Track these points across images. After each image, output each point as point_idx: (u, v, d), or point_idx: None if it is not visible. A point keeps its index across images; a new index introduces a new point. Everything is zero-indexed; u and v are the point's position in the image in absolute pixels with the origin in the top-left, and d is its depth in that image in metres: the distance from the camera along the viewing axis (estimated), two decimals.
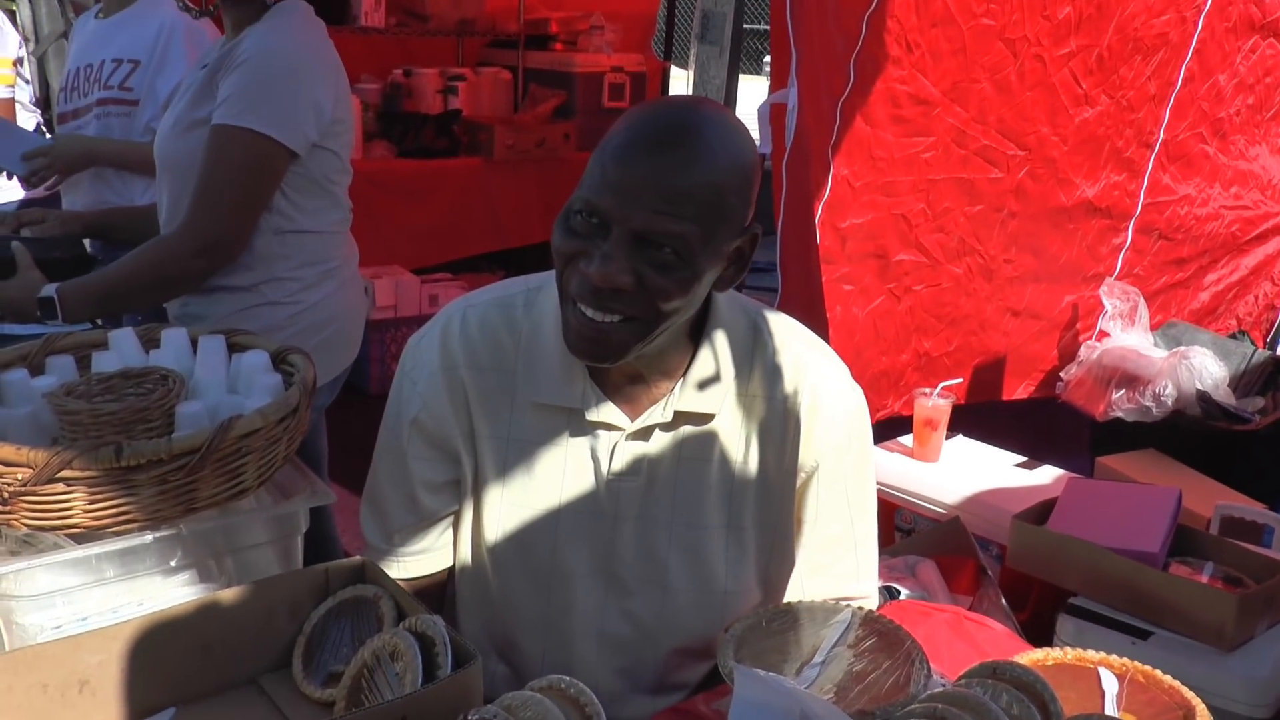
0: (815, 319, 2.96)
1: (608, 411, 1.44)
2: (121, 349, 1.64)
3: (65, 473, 1.28)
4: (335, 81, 2.18)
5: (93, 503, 1.31)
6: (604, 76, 5.67)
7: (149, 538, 1.37)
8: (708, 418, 1.46)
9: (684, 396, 1.44)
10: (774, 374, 1.48)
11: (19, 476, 1.28)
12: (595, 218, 1.28)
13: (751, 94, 3.18)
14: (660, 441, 1.46)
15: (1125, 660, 1.33)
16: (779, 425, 1.49)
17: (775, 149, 2.78)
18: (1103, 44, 3.38)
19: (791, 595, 1.59)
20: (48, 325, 2.04)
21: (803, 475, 1.52)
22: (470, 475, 1.50)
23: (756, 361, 1.48)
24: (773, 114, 2.70)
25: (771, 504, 1.52)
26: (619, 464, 1.45)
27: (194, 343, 1.65)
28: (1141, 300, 3.77)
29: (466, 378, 1.46)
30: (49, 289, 2.04)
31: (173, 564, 1.41)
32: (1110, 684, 1.30)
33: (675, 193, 1.25)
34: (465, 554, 1.56)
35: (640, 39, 6.44)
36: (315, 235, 2.23)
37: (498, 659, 1.57)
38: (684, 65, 7.26)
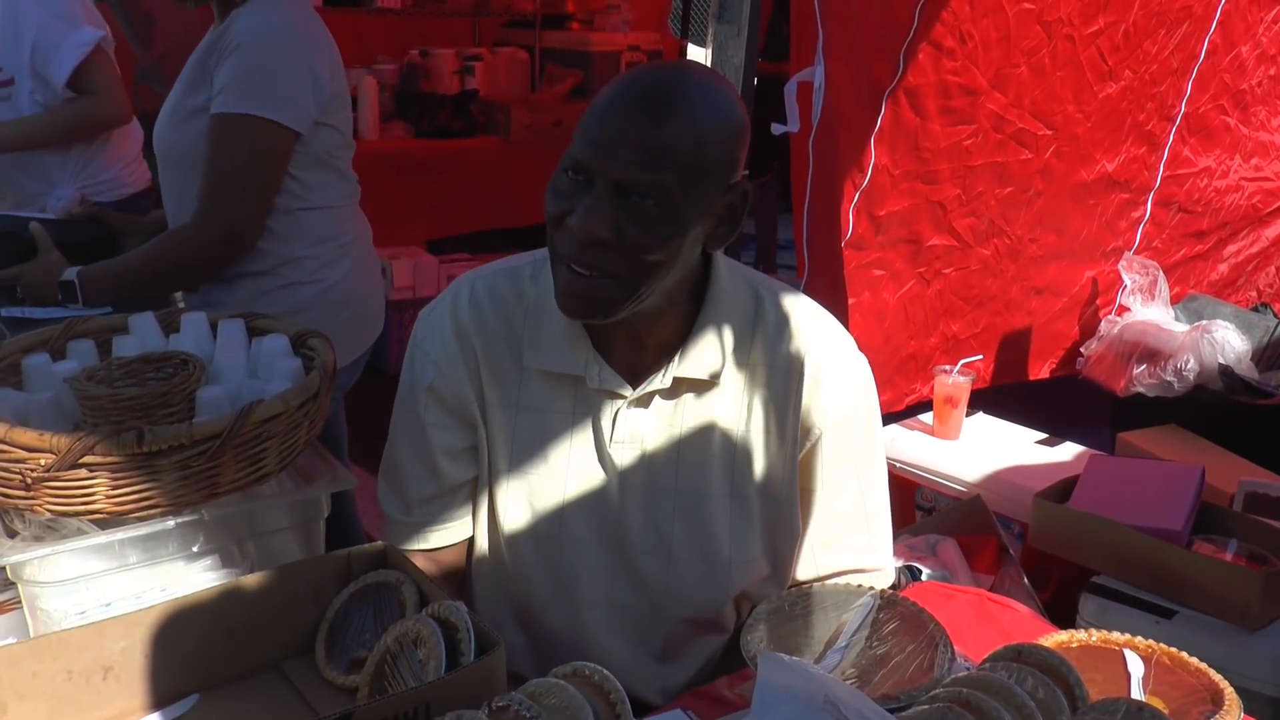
0: (838, 297, 2.95)
1: (610, 378, 1.45)
2: (142, 333, 1.65)
3: (88, 458, 1.28)
4: (329, 56, 2.16)
5: (115, 488, 1.31)
6: (621, 55, 5.65)
7: (171, 523, 1.37)
8: (709, 384, 1.47)
9: (684, 363, 1.45)
10: (776, 343, 1.49)
11: (42, 462, 1.28)
12: (580, 174, 1.31)
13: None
14: (662, 409, 1.48)
15: (1151, 642, 1.32)
16: (781, 394, 1.49)
17: (801, 127, 2.75)
18: (1129, 20, 3.35)
19: (803, 569, 1.59)
20: (68, 309, 2.05)
21: (807, 445, 1.52)
22: (485, 442, 1.51)
23: (759, 330, 1.49)
24: (799, 92, 2.67)
25: (774, 473, 1.52)
26: (621, 431, 1.47)
27: (214, 327, 1.66)
28: (1161, 274, 3.73)
29: (477, 345, 1.48)
30: (70, 273, 2.05)
31: (195, 549, 1.41)
32: (1136, 666, 1.29)
33: (654, 143, 1.27)
34: (482, 524, 1.57)
35: (657, 17, 6.39)
36: (324, 210, 2.22)
37: (515, 628, 1.59)
38: (701, 44, 7.22)
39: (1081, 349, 3.79)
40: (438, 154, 5.16)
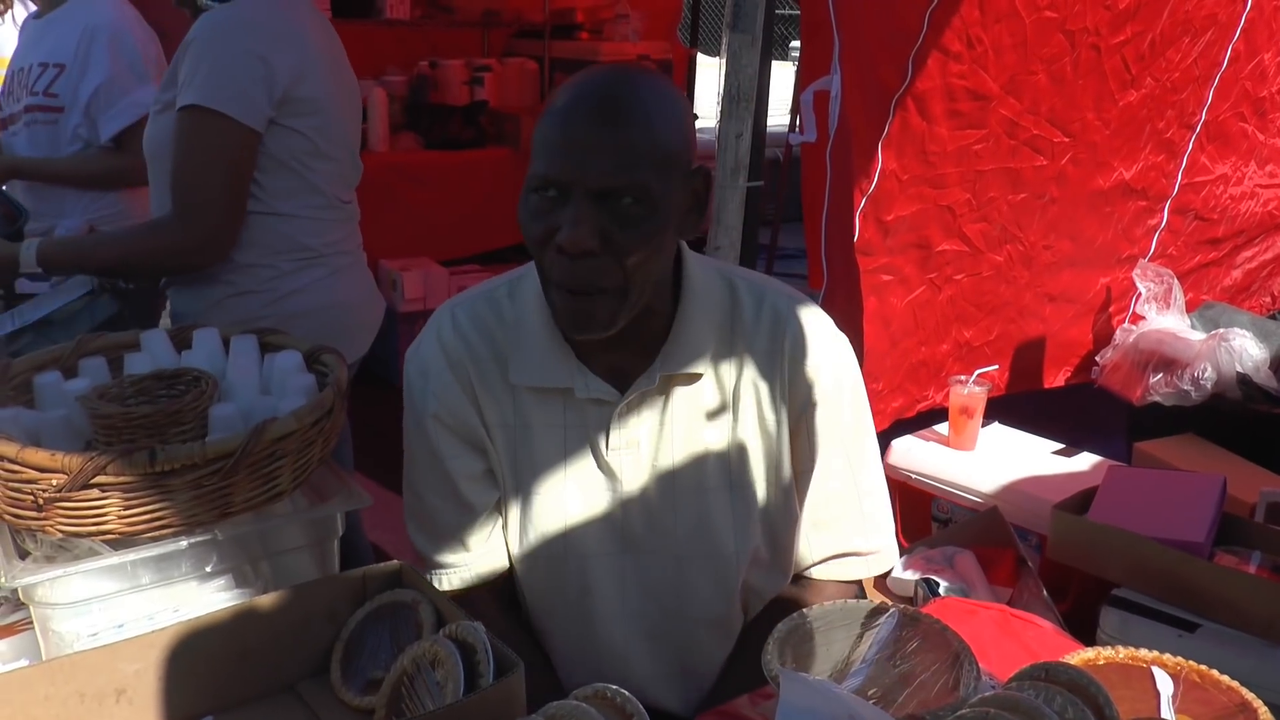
0: (857, 307, 2.93)
1: (597, 387, 1.47)
2: (154, 350, 1.64)
3: (100, 478, 1.27)
4: (296, 58, 2.10)
5: (127, 508, 1.30)
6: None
7: (184, 543, 1.36)
8: (695, 378, 1.48)
9: (669, 360, 1.46)
10: (755, 328, 1.50)
11: (54, 482, 1.27)
12: (553, 189, 1.32)
13: (779, 80, 3.12)
14: (653, 409, 1.49)
15: (1180, 659, 1.30)
16: (765, 378, 1.50)
17: (819, 136, 2.74)
18: (1156, 30, 3.33)
19: (800, 554, 1.61)
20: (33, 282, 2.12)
21: (794, 426, 1.52)
22: (497, 464, 1.53)
23: (737, 318, 1.50)
24: (815, 101, 2.66)
25: (768, 459, 1.52)
26: (616, 438, 1.48)
27: (226, 343, 1.64)
28: (1176, 282, 3.71)
29: (470, 370, 1.50)
30: (29, 247, 2.08)
31: (208, 569, 1.40)
32: (1165, 684, 1.27)
33: (622, 144, 1.30)
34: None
35: (666, 26, 6.41)
36: (286, 219, 2.18)
37: (534, 648, 1.59)
38: (709, 52, 7.21)
39: (1097, 358, 3.77)
40: (448, 165, 5.16)
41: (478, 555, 1.56)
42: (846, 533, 1.60)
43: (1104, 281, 3.83)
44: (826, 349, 1.52)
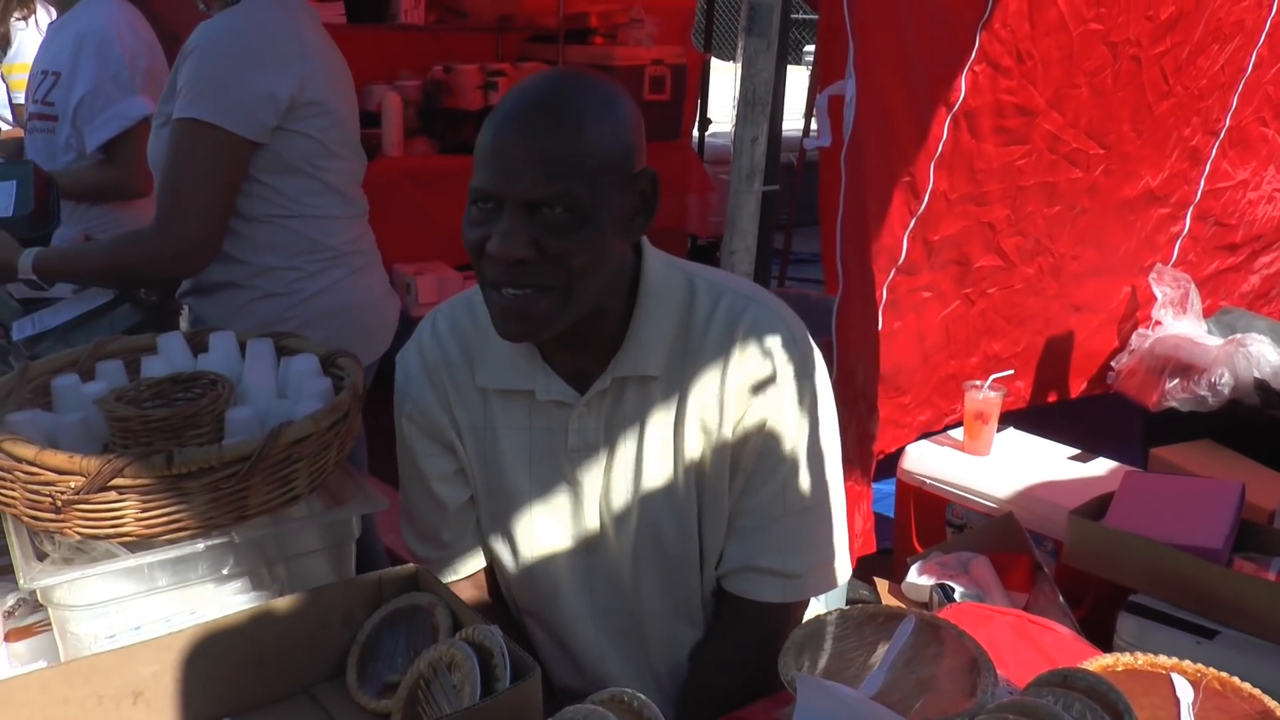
0: (871, 315, 2.91)
1: (558, 389, 1.48)
2: (170, 353, 1.64)
3: (117, 480, 1.27)
4: (299, 64, 2.09)
5: (145, 510, 1.30)
6: (644, 69, 5.64)
7: (201, 546, 1.36)
8: (647, 380, 1.47)
9: (623, 362, 1.46)
10: (708, 328, 1.47)
11: (72, 484, 1.27)
12: (489, 201, 1.33)
13: (792, 84, 3.11)
14: (608, 410, 1.49)
15: (1200, 666, 1.29)
16: (713, 381, 1.47)
17: (834, 141, 2.72)
18: (1193, 39, 3.31)
19: (719, 562, 1.54)
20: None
21: (735, 430, 1.47)
22: (467, 465, 1.56)
23: (693, 318, 1.48)
24: (830, 106, 2.64)
25: (705, 462, 1.49)
26: (574, 439, 1.49)
27: (243, 346, 1.65)
28: (1193, 287, 3.69)
29: (445, 375, 1.53)
30: (26, 257, 2.08)
31: (225, 572, 1.40)
32: (1185, 692, 1.26)
33: (549, 154, 1.29)
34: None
35: (680, 31, 6.40)
36: (305, 220, 2.18)
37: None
38: (724, 57, 7.20)
39: (1112, 363, 3.75)
40: (462, 170, 5.11)
41: (453, 551, 1.60)
42: (758, 548, 1.51)
43: (1127, 290, 3.81)
44: (778, 352, 1.46)
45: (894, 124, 2.75)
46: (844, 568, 1.59)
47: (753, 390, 1.46)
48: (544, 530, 1.54)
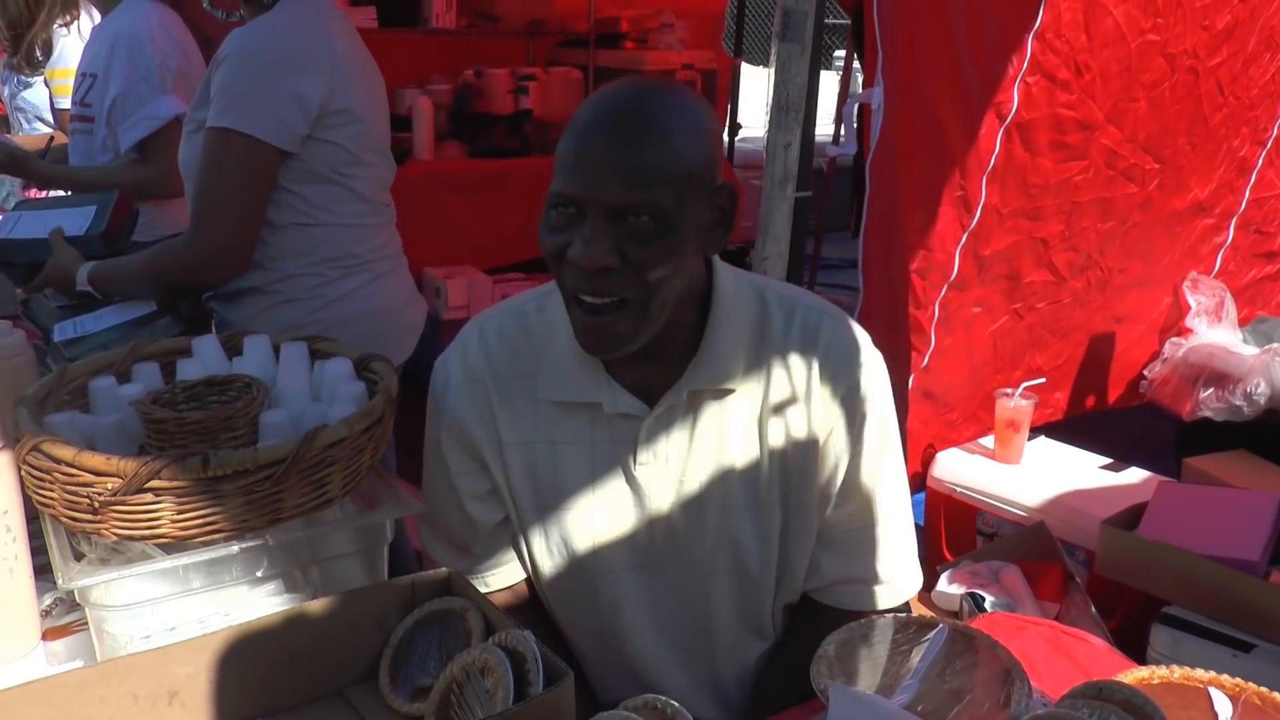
0: (898, 320, 2.89)
1: (626, 401, 1.45)
2: (205, 356, 1.65)
3: (153, 482, 1.28)
4: (329, 72, 2.10)
5: (180, 512, 1.31)
6: (675, 74, 5.64)
7: (235, 548, 1.37)
8: (724, 393, 1.46)
9: (697, 375, 1.44)
10: (785, 343, 1.47)
11: (109, 486, 1.28)
12: (570, 206, 1.32)
13: (823, 89, 3.10)
14: (681, 424, 1.47)
15: (1238, 680, 1.27)
16: (794, 394, 1.47)
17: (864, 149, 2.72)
18: (1248, 49, 3.28)
19: (808, 574, 1.56)
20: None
21: (821, 443, 1.48)
22: (503, 484, 1.53)
23: (767, 332, 1.47)
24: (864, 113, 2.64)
25: (791, 477, 1.49)
26: (644, 453, 1.47)
27: (276, 349, 1.66)
28: (1228, 295, 3.66)
29: (490, 387, 1.50)
30: (83, 271, 2.14)
31: (259, 574, 1.40)
32: (1223, 706, 1.25)
33: (637, 162, 1.29)
34: (521, 565, 1.60)
35: (710, 35, 6.40)
36: (331, 228, 2.20)
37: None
38: (754, 61, 7.20)
39: (1145, 371, 3.72)
40: (492, 174, 5.18)
41: (486, 564, 1.58)
42: (857, 557, 1.55)
43: (1168, 301, 3.79)
44: (857, 365, 1.48)
45: (946, 137, 2.73)
46: (920, 568, 1.63)
47: (839, 402, 1.47)
48: (607, 546, 1.51)
